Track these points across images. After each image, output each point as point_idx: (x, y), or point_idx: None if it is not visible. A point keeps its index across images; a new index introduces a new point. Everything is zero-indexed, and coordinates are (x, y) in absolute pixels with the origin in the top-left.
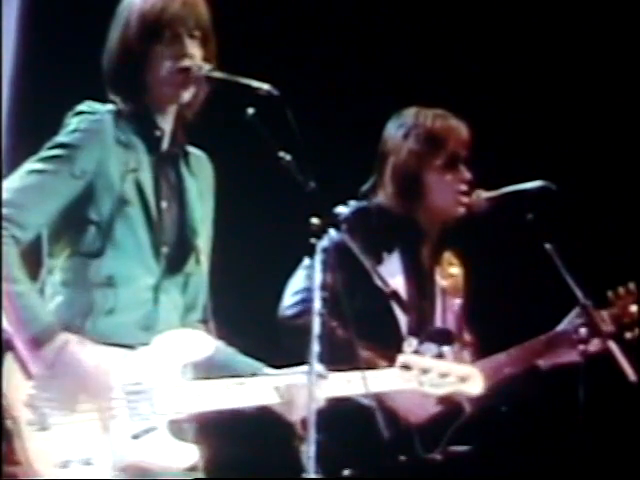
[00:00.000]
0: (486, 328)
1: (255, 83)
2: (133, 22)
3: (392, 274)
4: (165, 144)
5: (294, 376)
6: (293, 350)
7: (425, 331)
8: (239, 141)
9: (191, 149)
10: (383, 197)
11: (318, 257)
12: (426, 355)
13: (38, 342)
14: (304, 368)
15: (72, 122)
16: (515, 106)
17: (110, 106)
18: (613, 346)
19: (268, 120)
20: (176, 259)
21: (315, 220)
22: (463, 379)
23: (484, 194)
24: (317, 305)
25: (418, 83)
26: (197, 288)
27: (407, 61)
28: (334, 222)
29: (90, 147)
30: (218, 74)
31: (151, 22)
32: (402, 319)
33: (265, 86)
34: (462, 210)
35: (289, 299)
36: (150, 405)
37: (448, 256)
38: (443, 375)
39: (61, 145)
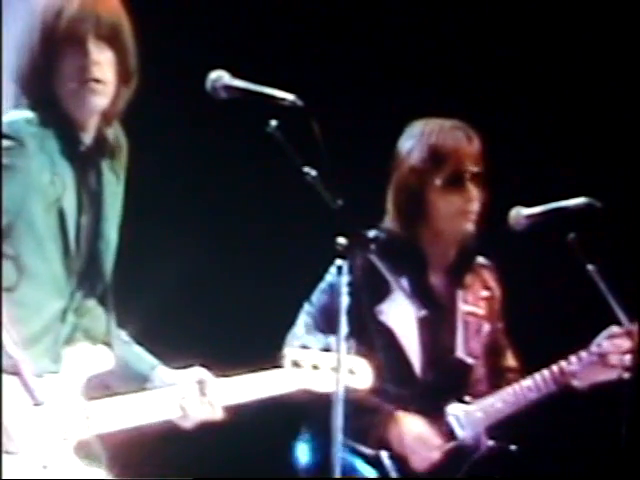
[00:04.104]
0: (522, 353)
1: (279, 93)
2: (35, 31)
3: (400, 306)
4: (88, 155)
5: (188, 385)
6: None
7: (439, 363)
8: (260, 155)
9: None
10: (389, 218)
11: (344, 279)
12: (313, 347)
13: None
14: (195, 375)
15: None
16: (560, 120)
17: (32, 119)
18: None
19: (292, 133)
20: (90, 275)
21: (342, 240)
22: (351, 372)
23: (524, 211)
24: (343, 329)
25: (448, 97)
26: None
27: (438, 76)
28: (362, 242)
29: (13, 187)
30: (239, 83)
31: (49, 31)
32: (414, 355)
33: (290, 96)
34: (470, 228)
35: (289, 345)
36: (56, 431)
37: (477, 278)
38: (334, 369)
39: None
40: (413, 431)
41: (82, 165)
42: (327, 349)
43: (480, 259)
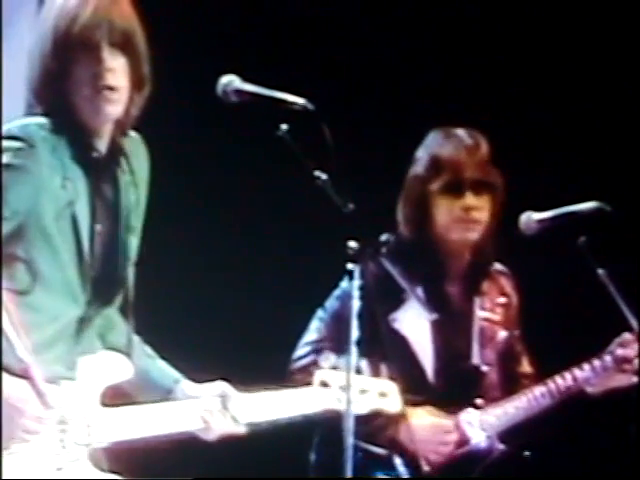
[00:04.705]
0: (535, 357)
1: (290, 97)
2: (47, 39)
3: (414, 314)
4: (103, 162)
5: (211, 399)
6: None
7: (453, 370)
8: (270, 159)
9: (130, 138)
10: (400, 225)
11: (356, 283)
12: (344, 369)
13: None
14: (218, 389)
15: (7, 150)
16: (571, 125)
17: (44, 124)
18: None
19: (303, 137)
20: (106, 285)
21: (353, 244)
22: (382, 395)
23: (535, 215)
24: (354, 334)
25: (460, 102)
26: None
27: (451, 79)
28: (374, 246)
29: (23, 188)
30: (250, 87)
31: (63, 38)
32: (428, 362)
33: (300, 100)
34: (472, 237)
35: (300, 349)
36: (72, 435)
37: (494, 285)
38: (362, 391)
39: None
40: (424, 423)
41: (96, 172)
42: (357, 371)
43: (497, 266)
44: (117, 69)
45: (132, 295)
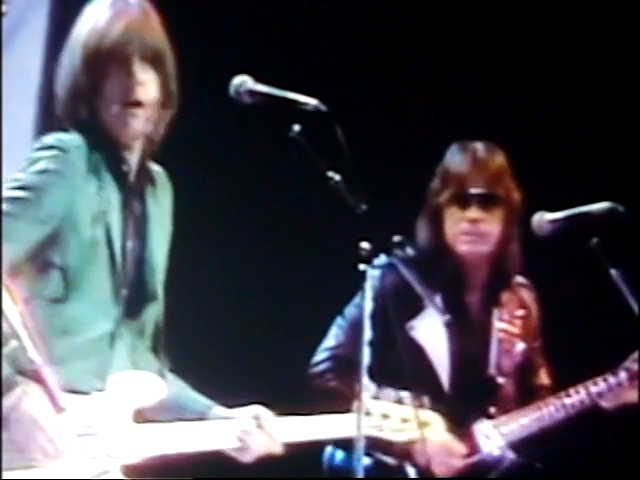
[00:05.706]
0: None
1: (302, 98)
2: (77, 55)
3: (432, 323)
4: (132, 177)
5: (246, 420)
6: (318, 406)
7: (469, 380)
8: (283, 160)
9: (154, 169)
10: (419, 235)
11: (368, 283)
12: (385, 400)
13: None
14: (252, 411)
15: (41, 158)
16: (584, 125)
17: (77, 137)
18: None
19: (315, 138)
20: (135, 303)
21: (365, 245)
22: (425, 424)
23: (547, 216)
24: (367, 334)
25: (475, 102)
26: (153, 325)
27: (467, 84)
28: (386, 247)
29: (59, 191)
30: (262, 88)
31: (93, 53)
32: (443, 371)
33: (313, 101)
34: (480, 249)
35: (319, 355)
36: (103, 448)
37: (514, 297)
38: (404, 420)
39: (29, 187)
40: (436, 440)
41: (127, 186)
42: (399, 401)
43: (518, 278)
44: (147, 83)
45: (161, 318)
